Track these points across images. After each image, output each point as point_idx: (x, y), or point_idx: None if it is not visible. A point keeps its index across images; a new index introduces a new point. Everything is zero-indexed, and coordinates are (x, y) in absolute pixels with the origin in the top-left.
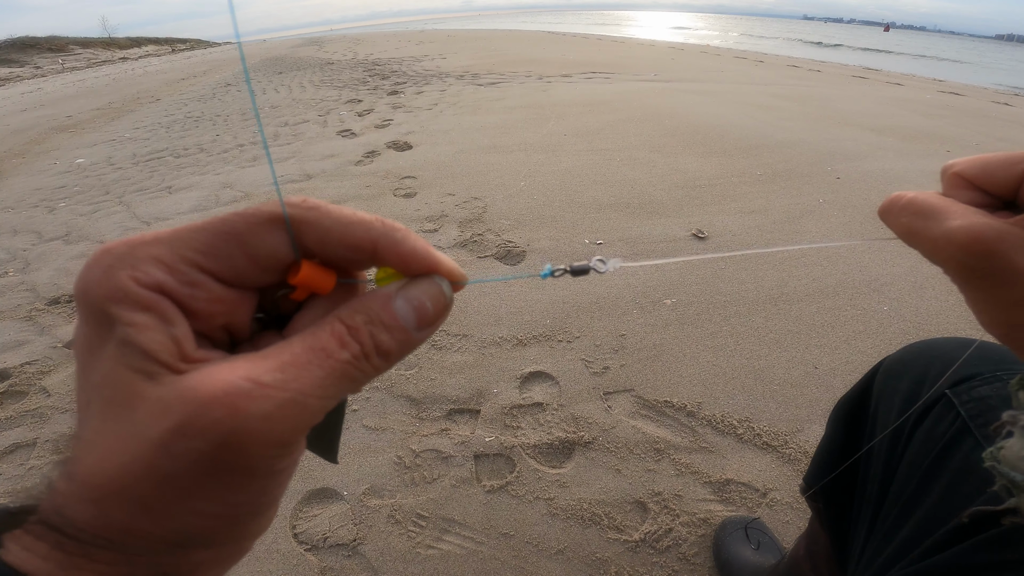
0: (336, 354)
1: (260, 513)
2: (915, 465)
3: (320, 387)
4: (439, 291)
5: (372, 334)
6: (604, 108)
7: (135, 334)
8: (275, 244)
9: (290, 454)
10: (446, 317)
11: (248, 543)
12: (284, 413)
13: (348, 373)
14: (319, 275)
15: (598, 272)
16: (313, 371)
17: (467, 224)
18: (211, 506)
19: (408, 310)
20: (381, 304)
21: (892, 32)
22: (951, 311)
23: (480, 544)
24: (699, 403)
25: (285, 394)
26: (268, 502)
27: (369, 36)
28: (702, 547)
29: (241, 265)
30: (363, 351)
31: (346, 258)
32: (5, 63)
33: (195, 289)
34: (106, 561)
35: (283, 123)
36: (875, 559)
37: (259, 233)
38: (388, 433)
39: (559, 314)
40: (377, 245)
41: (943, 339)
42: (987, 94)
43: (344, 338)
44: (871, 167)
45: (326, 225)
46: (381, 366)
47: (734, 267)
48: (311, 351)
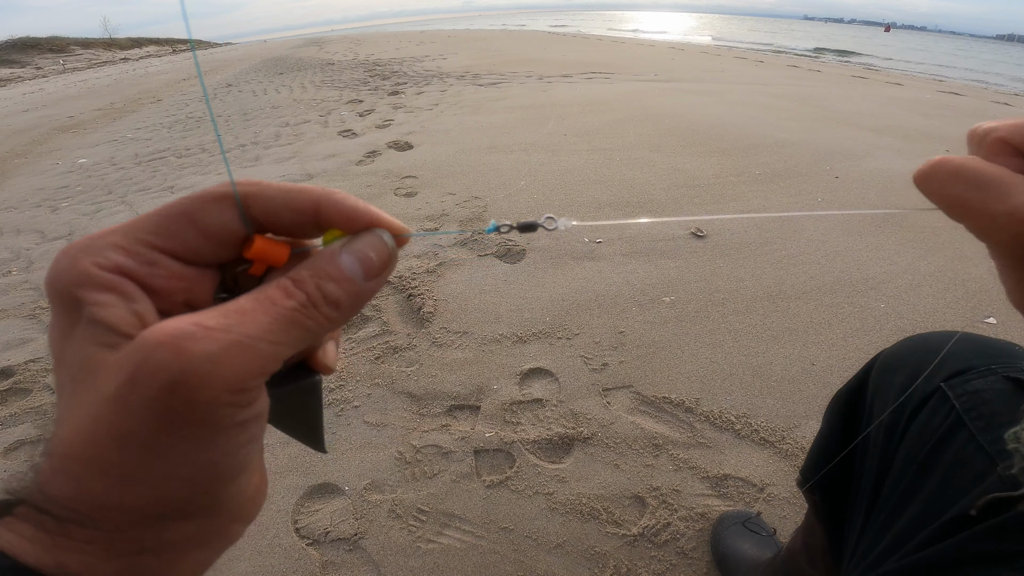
0: (281, 302)
1: (233, 478)
2: (910, 458)
3: (268, 331)
4: (381, 242)
5: (318, 285)
6: (604, 108)
7: (98, 311)
8: (223, 218)
9: (247, 403)
10: (392, 267)
11: (233, 525)
12: (231, 354)
13: (296, 320)
14: (272, 247)
15: (547, 230)
16: (258, 316)
17: (468, 223)
18: (178, 467)
19: (353, 262)
20: (327, 259)
21: (893, 32)
22: (947, 308)
23: (480, 538)
24: (697, 399)
25: (230, 336)
26: (238, 464)
27: (370, 36)
28: (700, 541)
29: (194, 241)
30: (310, 300)
31: (293, 222)
32: (6, 64)
33: (153, 268)
34: (85, 539)
35: (284, 123)
36: (870, 551)
37: (207, 210)
38: (389, 429)
39: (559, 311)
40: (319, 206)
41: (938, 333)
42: (987, 94)
43: (289, 289)
44: (870, 166)
45: (269, 195)
46: (333, 314)
47: (732, 264)
48: (256, 301)
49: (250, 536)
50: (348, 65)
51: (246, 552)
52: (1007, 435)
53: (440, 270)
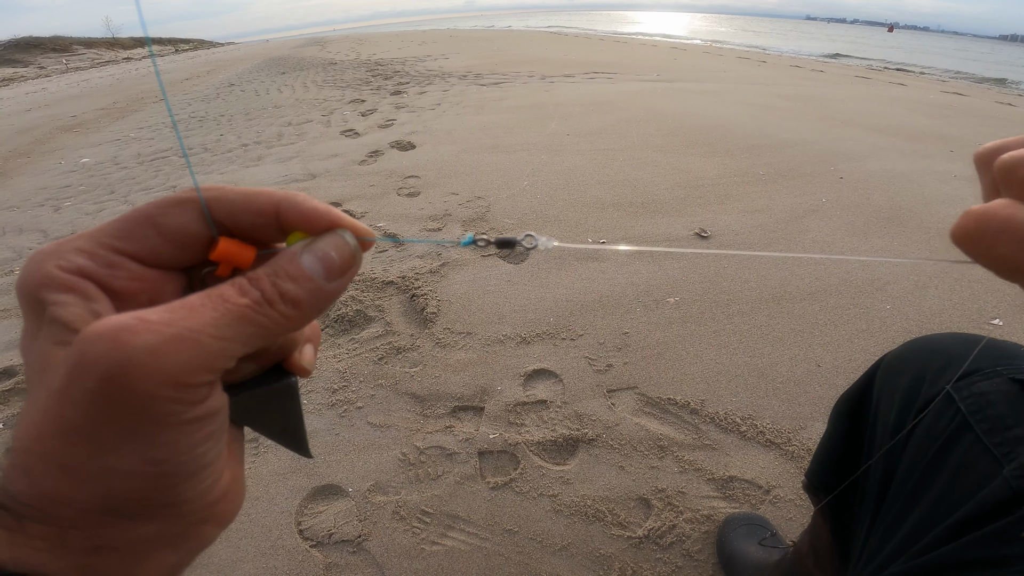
0: (233, 299)
1: (189, 476)
2: (916, 460)
3: (214, 325)
4: (343, 242)
5: (275, 283)
6: (607, 108)
7: (57, 310)
8: (183, 220)
9: (196, 400)
10: (356, 267)
11: (203, 526)
12: (171, 347)
13: (247, 316)
14: (238, 249)
15: (525, 248)
16: (206, 312)
17: (471, 223)
18: (126, 462)
19: (313, 261)
20: (286, 259)
21: (896, 33)
22: (953, 309)
23: (484, 540)
24: (703, 400)
25: (171, 329)
26: (193, 462)
27: (372, 36)
28: (706, 543)
29: (155, 243)
30: (265, 297)
31: (254, 224)
32: (9, 63)
33: (114, 270)
34: (41, 536)
35: (287, 123)
36: (877, 553)
37: (168, 213)
38: (393, 430)
39: (563, 312)
40: (279, 208)
41: (943, 335)
42: (990, 94)
43: (244, 287)
44: (874, 167)
45: (230, 198)
46: (291, 313)
47: (737, 266)
48: (206, 297)
49: (253, 538)
50: (350, 65)
51: (249, 554)
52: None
53: (443, 270)
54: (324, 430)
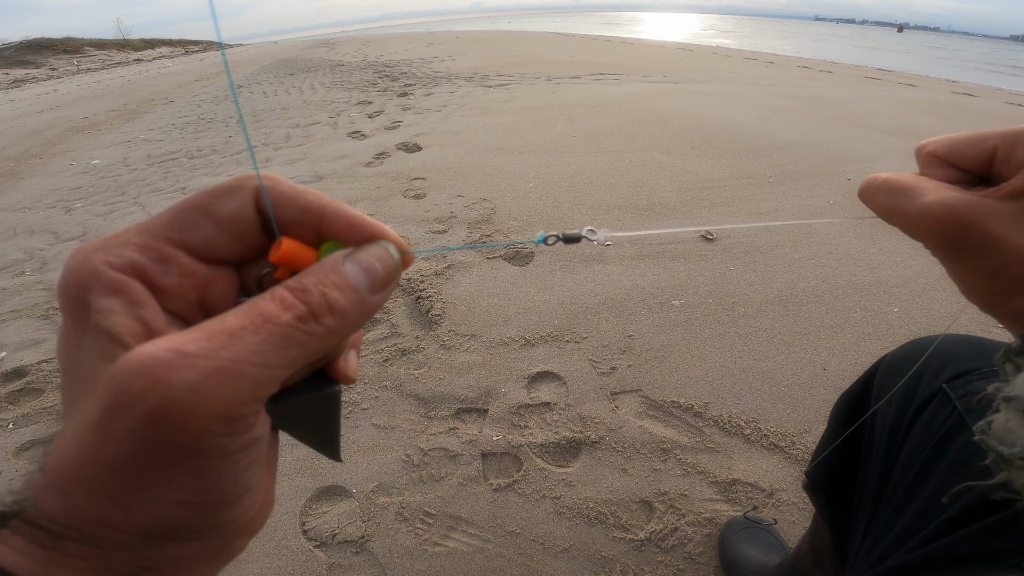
0: (275, 318)
1: (235, 501)
2: (912, 458)
3: (257, 353)
4: (387, 254)
5: (324, 292)
6: (613, 109)
7: (103, 319)
8: (237, 207)
9: (242, 430)
10: (397, 281)
11: (238, 540)
12: (214, 383)
13: (292, 336)
14: (299, 251)
15: (589, 241)
16: (247, 337)
17: (476, 225)
18: (173, 492)
19: (358, 271)
20: (329, 267)
21: (906, 33)
22: (962, 313)
23: (487, 542)
24: (706, 403)
25: (212, 362)
26: (239, 488)
27: (379, 38)
28: (708, 546)
29: (210, 233)
30: (310, 311)
31: (295, 221)
32: (21, 64)
33: (167, 265)
34: (81, 555)
35: (295, 124)
36: (873, 550)
37: (222, 200)
38: (397, 431)
39: (567, 314)
40: (325, 209)
41: (942, 335)
42: (1001, 95)
43: (288, 301)
44: (882, 169)
45: (281, 190)
46: (335, 326)
47: (743, 268)
48: (246, 317)
49: (258, 538)
50: (357, 66)
51: (254, 554)
52: (975, 427)
53: (448, 272)
54: None
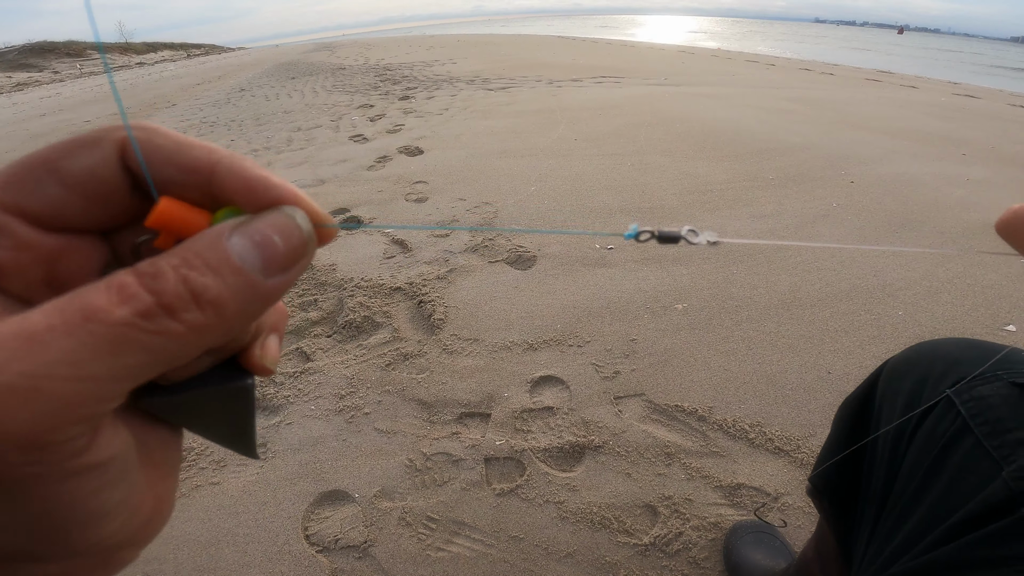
0: (103, 314)
1: (88, 525)
2: (917, 463)
3: (69, 363)
4: (292, 223)
5: (186, 278)
6: (614, 112)
7: None
8: (93, 163)
9: (66, 456)
10: (307, 258)
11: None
12: (3, 406)
13: (130, 339)
14: (184, 214)
15: (689, 243)
16: (55, 343)
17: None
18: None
19: (248, 247)
20: (207, 242)
21: (906, 35)
22: (966, 316)
23: (490, 547)
24: (710, 407)
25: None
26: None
27: (380, 41)
28: (712, 551)
29: (55, 195)
30: (160, 303)
31: (177, 183)
32: (24, 67)
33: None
34: None
35: (296, 128)
36: (878, 556)
37: (73, 154)
38: (399, 436)
39: (570, 318)
40: (217, 167)
41: (946, 340)
42: (1003, 96)
43: (129, 290)
44: (885, 170)
45: (157, 143)
46: (206, 322)
47: (746, 271)
48: (59, 314)
49: (261, 543)
50: (359, 70)
51: (256, 559)
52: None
53: (451, 276)
54: (331, 436)
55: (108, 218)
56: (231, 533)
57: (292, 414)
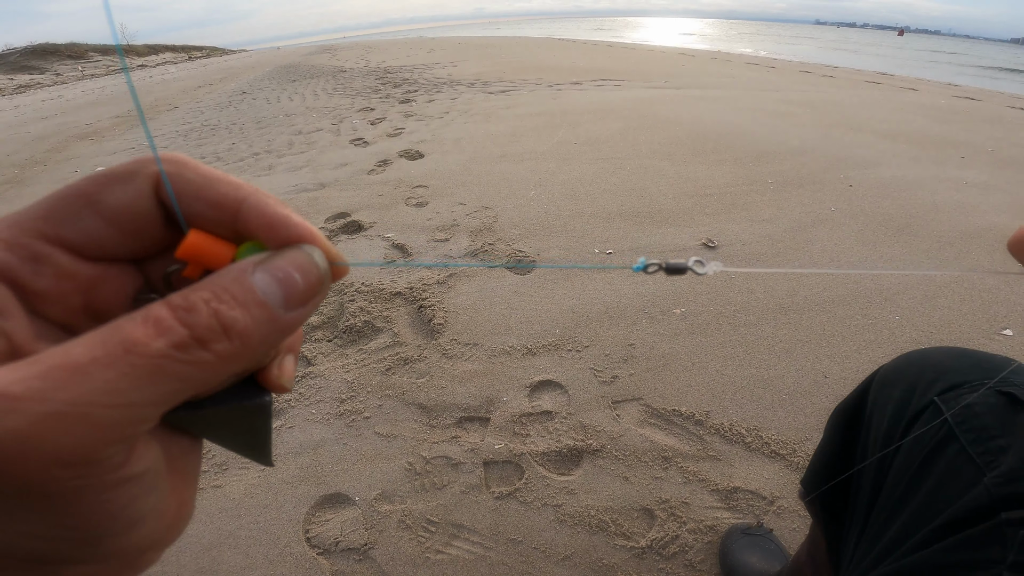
0: (142, 347)
1: (121, 532)
2: (904, 468)
3: (110, 392)
4: (310, 261)
5: (217, 312)
6: (614, 116)
7: None
8: (129, 198)
9: (107, 471)
10: (322, 295)
11: (145, 556)
12: (48, 429)
13: (167, 369)
14: (211, 246)
15: (696, 274)
16: (97, 374)
17: (478, 234)
18: (30, 529)
19: (270, 282)
20: (233, 277)
21: (907, 36)
22: (963, 320)
23: (489, 549)
24: (708, 412)
25: (43, 407)
26: (123, 522)
27: (381, 43)
28: (708, 554)
29: (93, 227)
30: (194, 336)
31: (205, 217)
32: (26, 70)
33: (38, 264)
34: None
35: (297, 131)
36: (864, 558)
37: (110, 189)
38: (399, 440)
39: (568, 323)
40: (243, 204)
41: (936, 348)
42: (1003, 99)
43: (165, 323)
44: (884, 174)
45: (188, 177)
46: (232, 352)
47: (744, 276)
48: (101, 347)
49: (262, 545)
50: (360, 72)
51: (258, 561)
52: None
53: (451, 281)
54: (332, 440)
55: (141, 248)
56: (233, 535)
57: (293, 418)
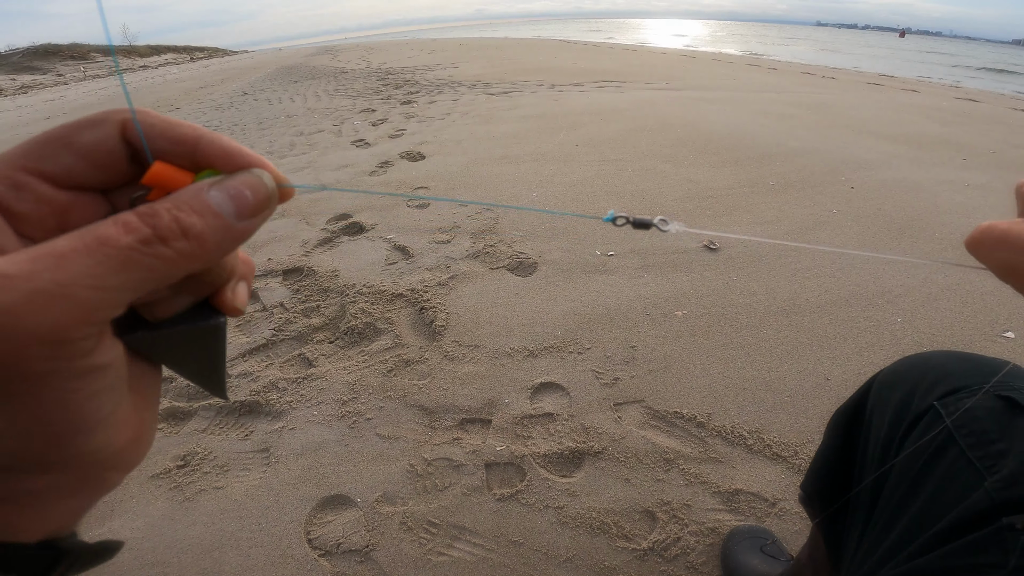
0: (114, 240)
1: (83, 432)
2: (904, 472)
3: (89, 275)
4: (259, 181)
5: (177, 218)
6: (616, 117)
7: None
8: (99, 137)
9: (77, 355)
10: (270, 210)
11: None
12: (36, 305)
13: (133, 259)
14: (172, 174)
15: (660, 231)
16: (78, 259)
17: (479, 235)
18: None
19: (223, 198)
20: (191, 193)
21: (908, 38)
22: (965, 323)
23: (490, 551)
24: (709, 414)
25: (32, 284)
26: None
27: (382, 45)
28: (710, 556)
29: (68, 161)
30: (156, 234)
31: (167, 152)
32: (28, 70)
33: (20, 192)
34: None
35: (299, 132)
36: (865, 562)
37: (82, 131)
38: (401, 442)
39: (570, 325)
40: (200, 140)
41: (935, 352)
42: (1004, 100)
43: (132, 224)
44: (886, 176)
45: (151, 121)
46: (190, 250)
47: (745, 278)
48: (80, 240)
49: (263, 546)
50: (361, 74)
51: (259, 562)
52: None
53: (452, 283)
54: (333, 441)
55: (109, 179)
56: (234, 537)
57: (295, 419)
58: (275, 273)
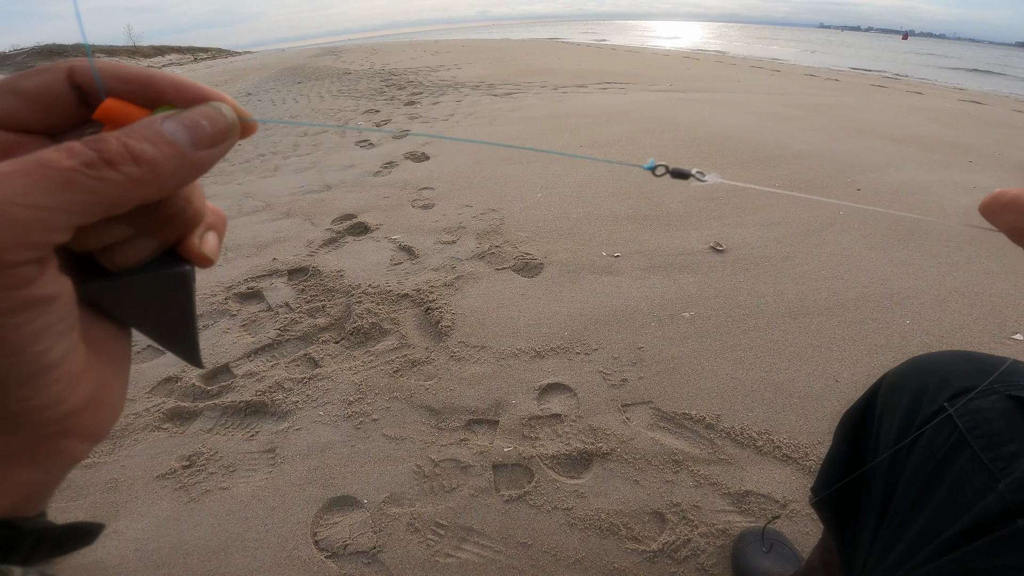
0: (55, 162)
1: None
2: (916, 475)
3: (24, 194)
4: (217, 112)
5: (126, 144)
6: (619, 119)
7: None
8: (45, 80)
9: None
10: (231, 142)
11: (67, 442)
12: None
13: (75, 181)
14: (126, 109)
15: (698, 181)
16: (15, 179)
17: (485, 236)
18: None
19: (178, 128)
20: (144, 124)
21: (912, 40)
22: (974, 324)
23: (498, 553)
24: (718, 415)
25: None
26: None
27: (386, 46)
28: (721, 558)
29: (12, 104)
30: (103, 158)
31: (119, 91)
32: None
33: None
34: None
35: (303, 133)
36: (878, 565)
37: (28, 77)
38: (408, 443)
39: (577, 326)
40: (153, 78)
41: (943, 353)
42: (1008, 102)
43: (76, 148)
44: (891, 178)
45: (102, 65)
46: (141, 175)
47: (753, 280)
48: (20, 162)
49: (270, 547)
50: (364, 74)
51: (265, 564)
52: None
53: (458, 284)
54: (340, 442)
55: (57, 121)
56: (240, 538)
57: (301, 420)
58: (280, 273)
